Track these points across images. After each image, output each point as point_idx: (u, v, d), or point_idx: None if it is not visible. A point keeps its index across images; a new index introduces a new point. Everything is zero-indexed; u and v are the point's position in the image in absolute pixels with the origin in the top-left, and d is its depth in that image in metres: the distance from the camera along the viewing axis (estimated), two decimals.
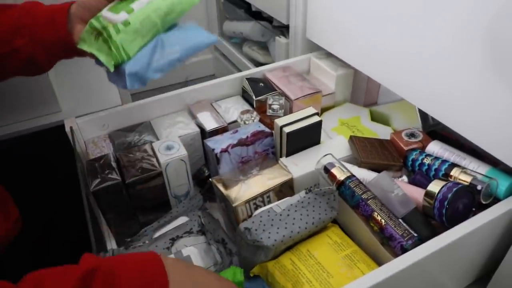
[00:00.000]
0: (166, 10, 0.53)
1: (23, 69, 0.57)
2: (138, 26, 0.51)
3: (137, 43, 0.52)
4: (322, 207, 0.50)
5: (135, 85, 0.53)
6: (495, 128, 0.48)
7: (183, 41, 0.55)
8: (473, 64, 0.48)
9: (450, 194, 0.47)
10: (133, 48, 0.52)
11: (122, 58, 0.51)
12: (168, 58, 0.54)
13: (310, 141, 0.61)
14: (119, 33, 0.51)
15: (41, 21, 0.54)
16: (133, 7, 0.52)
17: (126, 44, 0.51)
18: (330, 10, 0.71)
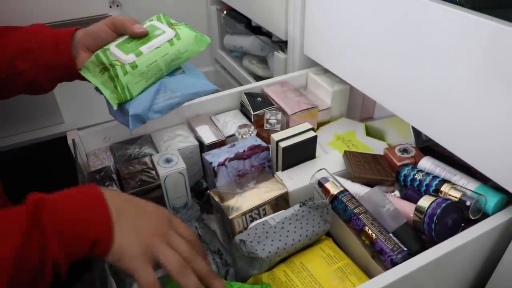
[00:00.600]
0: (173, 56, 0.56)
1: (25, 90, 0.59)
2: (144, 70, 0.54)
3: (140, 85, 0.55)
4: (315, 220, 0.51)
5: (136, 125, 0.55)
6: (484, 147, 0.49)
7: (185, 87, 0.58)
8: (463, 84, 0.50)
9: (439, 210, 0.48)
10: (136, 89, 0.54)
11: (125, 98, 0.54)
12: (169, 102, 0.57)
13: (305, 156, 0.63)
14: (126, 74, 0.53)
15: (45, 46, 0.56)
16: (142, 50, 0.54)
17: (131, 85, 0.54)
18: (326, 28, 0.73)
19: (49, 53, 0.56)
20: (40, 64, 0.56)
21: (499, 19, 0.45)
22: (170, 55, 0.56)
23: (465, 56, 0.49)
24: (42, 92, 0.61)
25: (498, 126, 0.47)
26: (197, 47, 0.59)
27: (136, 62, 0.54)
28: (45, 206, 0.38)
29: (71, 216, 0.39)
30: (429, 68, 0.54)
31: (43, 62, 0.55)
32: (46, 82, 0.58)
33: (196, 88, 0.59)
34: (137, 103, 0.55)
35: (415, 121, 0.60)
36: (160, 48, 0.55)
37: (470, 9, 0.49)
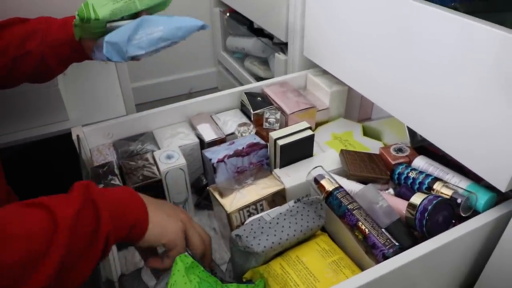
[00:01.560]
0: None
1: (34, 71, 0.61)
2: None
3: (108, 7, 0.55)
4: (310, 216, 0.53)
5: (113, 56, 0.55)
6: (476, 147, 0.51)
7: (168, 22, 0.58)
8: (457, 88, 0.51)
9: (430, 206, 0.49)
10: (103, 11, 0.54)
11: (88, 15, 0.54)
12: (150, 36, 0.56)
13: (302, 154, 0.64)
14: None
15: (53, 26, 0.59)
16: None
17: (97, 6, 0.54)
18: (325, 31, 0.75)
19: (55, 32, 0.59)
20: (47, 42, 0.58)
21: (492, 23, 0.47)
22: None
23: (459, 60, 0.50)
24: (50, 75, 0.64)
25: (490, 128, 0.48)
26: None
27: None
28: (94, 188, 0.43)
29: (115, 198, 0.45)
30: (425, 71, 0.55)
31: (50, 40, 0.58)
32: (53, 62, 0.60)
33: (180, 22, 0.58)
34: (114, 34, 0.55)
35: (410, 122, 0.61)
36: None
37: (465, 14, 0.51)
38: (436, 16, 0.52)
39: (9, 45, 0.58)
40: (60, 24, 0.60)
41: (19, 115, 0.81)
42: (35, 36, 0.58)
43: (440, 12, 0.51)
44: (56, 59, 0.60)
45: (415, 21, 0.55)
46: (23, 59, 0.59)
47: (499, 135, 0.47)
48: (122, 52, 0.56)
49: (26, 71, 0.60)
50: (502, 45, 0.45)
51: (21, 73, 0.61)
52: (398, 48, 0.59)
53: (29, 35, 0.59)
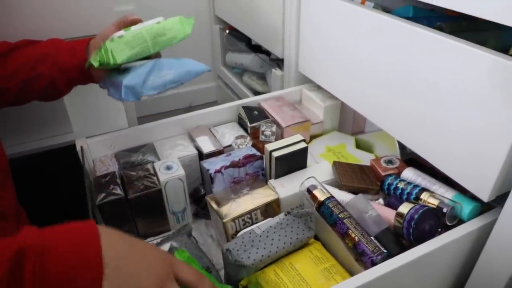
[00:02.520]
0: (157, 31, 0.62)
1: (44, 92, 0.65)
2: (129, 38, 0.60)
3: (125, 53, 0.60)
4: (300, 228, 0.55)
5: (129, 97, 0.61)
6: (460, 160, 0.53)
7: (178, 66, 0.63)
8: (442, 105, 0.54)
9: (417, 215, 0.52)
10: (121, 56, 0.59)
11: (108, 60, 0.59)
12: (163, 78, 0.62)
13: (297, 165, 0.67)
14: (111, 42, 0.59)
15: (63, 50, 0.63)
16: (132, 28, 0.62)
17: (116, 51, 0.59)
18: (319, 49, 0.79)
19: (65, 56, 0.63)
20: (57, 66, 0.62)
21: (477, 45, 0.49)
22: (155, 29, 0.62)
23: (445, 79, 0.53)
24: (58, 95, 0.67)
25: (473, 143, 0.51)
26: (182, 27, 0.64)
27: (123, 35, 0.60)
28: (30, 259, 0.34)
29: (56, 272, 0.34)
30: (412, 89, 0.59)
31: (60, 64, 0.62)
32: (62, 84, 0.64)
33: (189, 66, 0.64)
34: (131, 77, 0.60)
35: (400, 136, 0.64)
36: (147, 25, 0.62)
37: (448, 34, 0.54)
38: (422, 37, 0.55)
39: (22, 67, 0.62)
40: (70, 48, 0.63)
41: (26, 127, 0.85)
42: (46, 59, 0.62)
43: (426, 33, 0.54)
44: (65, 82, 0.64)
45: (403, 41, 0.58)
46: (34, 81, 0.62)
47: (481, 150, 0.50)
48: (138, 93, 0.61)
49: (36, 91, 0.64)
50: (483, 65, 0.48)
51: (31, 93, 0.65)
52: (387, 67, 0.62)
53: (40, 58, 0.62)
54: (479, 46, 0.49)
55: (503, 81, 0.46)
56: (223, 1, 1.22)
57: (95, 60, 0.59)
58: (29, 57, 0.62)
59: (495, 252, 0.52)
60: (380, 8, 0.70)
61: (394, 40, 0.60)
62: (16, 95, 0.63)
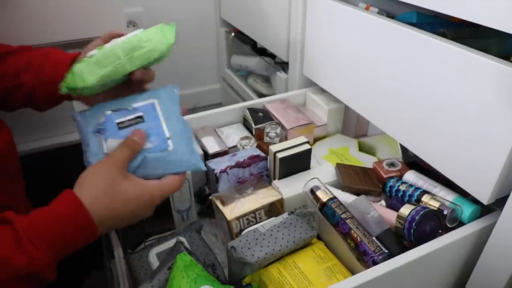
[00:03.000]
0: (132, 45, 0.53)
1: (27, 103, 0.63)
2: (100, 57, 0.52)
3: (96, 74, 0.52)
4: (303, 227, 0.56)
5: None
6: (461, 163, 0.54)
7: (167, 166, 0.53)
8: (444, 109, 0.56)
9: (418, 216, 0.53)
10: (91, 78, 0.51)
11: (74, 84, 0.51)
12: (146, 174, 0.52)
13: (300, 166, 0.68)
14: (80, 63, 0.52)
15: (49, 64, 0.60)
16: (105, 46, 0.54)
17: (84, 73, 0.51)
18: (323, 52, 0.80)
19: (50, 69, 0.60)
20: (39, 79, 0.60)
21: (480, 52, 0.51)
22: (130, 43, 0.53)
23: (448, 86, 0.54)
24: (38, 108, 0.65)
25: (474, 147, 0.52)
26: (162, 36, 0.55)
27: (94, 54, 0.53)
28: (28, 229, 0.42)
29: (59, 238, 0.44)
30: (415, 94, 0.60)
31: (42, 77, 0.60)
32: (41, 97, 0.61)
33: (179, 167, 0.53)
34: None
35: (402, 139, 0.65)
36: (122, 41, 0.54)
37: (451, 40, 0.55)
38: (425, 42, 0.56)
39: (7, 73, 0.60)
40: (56, 62, 0.60)
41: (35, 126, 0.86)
42: (30, 69, 0.60)
43: (429, 39, 0.55)
44: (44, 96, 0.61)
45: (406, 47, 0.60)
46: (15, 90, 0.61)
47: (482, 154, 0.51)
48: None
49: (19, 100, 0.62)
50: (485, 71, 0.49)
51: (14, 102, 0.63)
52: (390, 72, 0.63)
53: (25, 68, 0.60)
54: (481, 53, 0.51)
55: (504, 87, 0.47)
56: (229, 4, 1.24)
57: (62, 86, 0.52)
58: (17, 64, 0.61)
59: (494, 254, 0.53)
60: (384, 14, 0.71)
61: (398, 45, 0.61)
62: (1, 102, 0.62)
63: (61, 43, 0.84)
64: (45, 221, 0.43)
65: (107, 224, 0.47)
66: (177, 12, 1.32)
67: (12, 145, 0.63)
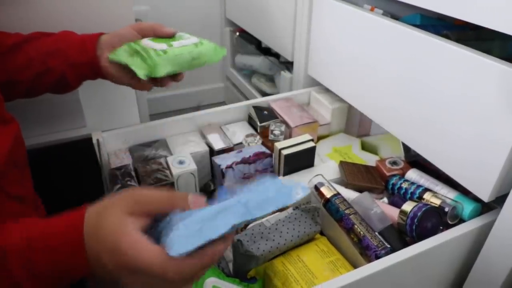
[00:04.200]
0: (194, 55, 0.63)
1: (55, 86, 0.67)
2: (173, 57, 0.61)
3: (166, 69, 0.61)
4: (307, 222, 0.57)
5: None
6: (462, 162, 0.56)
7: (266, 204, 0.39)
8: (446, 109, 0.57)
9: (420, 213, 0.54)
10: (162, 71, 0.60)
11: (153, 73, 0.59)
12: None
13: (305, 163, 0.70)
14: (158, 56, 0.60)
15: (74, 46, 0.64)
16: (173, 44, 0.62)
17: (160, 65, 0.60)
18: (328, 53, 0.81)
19: (76, 52, 0.63)
20: (68, 62, 0.63)
21: (482, 53, 0.52)
22: (193, 53, 0.63)
23: (451, 86, 0.55)
24: (69, 89, 0.69)
25: (475, 146, 0.53)
26: (214, 55, 0.66)
27: (168, 51, 0.61)
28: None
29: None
30: (418, 94, 0.61)
31: (71, 60, 0.63)
32: (73, 78, 0.65)
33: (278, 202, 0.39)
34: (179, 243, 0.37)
35: (405, 138, 0.67)
36: (187, 46, 0.63)
37: (455, 42, 0.57)
38: (429, 43, 0.57)
39: (33, 60, 0.63)
40: (80, 44, 0.64)
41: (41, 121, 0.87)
42: (57, 54, 0.63)
43: (433, 40, 0.57)
44: (75, 77, 0.65)
45: (410, 47, 0.61)
46: (45, 75, 0.63)
47: (483, 153, 0.52)
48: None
49: (47, 85, 0.66)
50: (487, 72, 0.50)
51: (43, 87, 0.66)
52: (394, 72, 0.65)
53: (51, 52, 0.63)
54: (484, 54, 0.52)
55: (506, 88, 0.48)
56: (234, 4, 1.26)
57: (142, 74, 0.59)
58: (40, 51, 0.63)
59: (494, 251, 0.55)
60: (388, 15, 0.73)
61: (402, 46, 0.62)
62: (28, 88, 0.65)
63: None
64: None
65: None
66: (182, 11, 1.33)
67: (20, 137, 0.64)
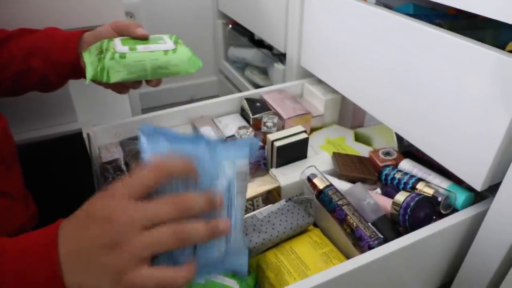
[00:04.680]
0: (161, 64, 0.58)
1: (38, 85, 0.65)
2: (130, 63, 0.57)
3: (121, 75, 0.57)
4: (300, 214, 0.57)
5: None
6: (455, 151, 0.55)
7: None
8: (438, 98, 0.57)
9: (412, 203, 0.54)
10: (116, 77, 0.57)
11: (101, 78, 0.56)
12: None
13: (297, 155, 0.69)
14: (111, 60, 0.56)
15: (55, 45, 0.62)
16: (137, 48, 0.58)
17: (112, 71, 0.56)
18: (321, 43, 0.81)
19: (58, 51, 0.62)
20: (50, 61, 0.62)
21: (476, 41, 0.51)
22: (159, 61, 0.58)
23: (444, 75, 0.55)
24: (51, 88, 0.67)
25: (467, 135, 0.53)
26: (187, 66, 0.60)
27: (126, 54, 0.57)
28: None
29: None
30: (411, 83, 0.61)
31: (52, 59, 0.62)
32: (54, 78, 0.64)
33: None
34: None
35: (398, 128, 0.66)
36: (153, 52, 0.58)
37: (448, 30, 0.56)
38: (422, 32, 0.57)
39: (14, 58, 0.61)
40: (62, 43, 0.62)
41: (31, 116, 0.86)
42: (38, 53, 0.61)
43: (426, 29, 0.56)
44: (57, 77, 0.64)
45: (403, 37, 0.60)
46: (25, 74, 0.62)
47: (475, 142, 0.52)
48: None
49: (30, 84, 0.64)
50: (480, 60, 0.50)
51: (25, 85, 0.65)
52: (387, 62, 0.64)
53: (32, 51, 0.61)
54: (477, 42, 0.51)
55: (499, 76, 0.48)
56: None
57: (88, 76, 0.57)
58: (22, 49, 0.61)
59: (487, 240, 0.55)
60: (381, 5, 0.72)
61: (395, 36, 0.62)
62: (9, 87, 0.63)
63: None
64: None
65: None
66: (174, 4, 1.32)
67: (7, 132, 0.63)
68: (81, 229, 0.35)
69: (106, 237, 0.34)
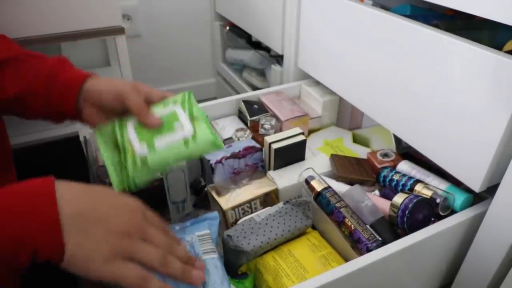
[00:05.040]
0: (183, 157, 0.53)
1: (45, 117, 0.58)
2: (153, 166, 0.52)
3: (146, 178, 0.53)
4: (298, 216, 0.57)
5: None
6: (453, 153, 0.55)
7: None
8: (436, 99, 0.56)
9: (411, 205, 0.54)
10: (142, 182, 0.53)
11: (129, 187, 0.53)
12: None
13: (295, 157, 0.69)
14: (135, 167, 0.52)
15: (53, 95, 0.55)
16: (156, 145, 0.52)
17: (138, 179, 0.52)
18: (318, 45, 0.81)
19: (56, 96, 0.55)
20: (48, 106, 0.55)
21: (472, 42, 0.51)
22: (181, 155, 0.53)
23: (441, 76, 0.55)
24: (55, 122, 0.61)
25: (465, 137, 0.53)
26: (209, 148, 0.55)
27: (148, 158, 0.52)
28: None
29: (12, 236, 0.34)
30: (409, 85, 0.60)
31: (50, 104, 0.55)
32: (54, 119, 0.58)
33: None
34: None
35: (396, 130, 0.66)
36: (174, 146, 0.53)
37: (445, 31, 0.56)
38: (419, 33, 0.57)
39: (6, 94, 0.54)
40: (59, 93, 0.54)
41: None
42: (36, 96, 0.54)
43: (423, 30, 0.56)
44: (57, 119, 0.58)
45: (400, 38, 0.60)
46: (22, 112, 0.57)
47: (474, 143, 0.52)
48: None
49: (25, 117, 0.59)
50: (478, 61, 0.50)
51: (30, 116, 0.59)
52: (384, 63, 0.64)
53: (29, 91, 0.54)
54: (474, 43, 0.51)
55: (496, 77, 0.48)
56: None
57: (118, 188, 0.52)
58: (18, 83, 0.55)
59: (486, 241, 0.54)
60: (378, 6, 0.72)
61: (392, 37, 0.61)
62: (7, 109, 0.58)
63: (57, 35, 0.84)
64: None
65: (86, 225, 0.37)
66: (172, 6, 1.31)
67: (4, 135, 0.62)
68: (93, 199, 0.40)
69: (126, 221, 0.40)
